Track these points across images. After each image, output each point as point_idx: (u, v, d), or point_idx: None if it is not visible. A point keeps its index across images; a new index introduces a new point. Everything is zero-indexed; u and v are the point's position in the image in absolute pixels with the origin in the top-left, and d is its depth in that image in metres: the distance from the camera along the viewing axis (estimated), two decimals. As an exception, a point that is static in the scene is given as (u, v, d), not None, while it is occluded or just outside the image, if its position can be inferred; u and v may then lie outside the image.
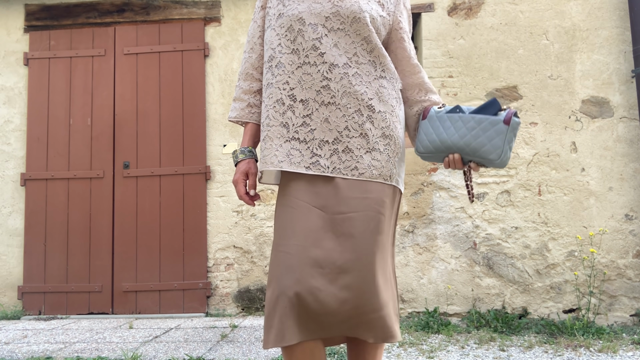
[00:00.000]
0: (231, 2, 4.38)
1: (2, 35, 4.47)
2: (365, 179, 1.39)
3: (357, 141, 1.40)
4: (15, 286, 4.24)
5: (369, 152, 1.41)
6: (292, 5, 1.44)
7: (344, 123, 1.40)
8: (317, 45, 1.41)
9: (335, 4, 1.42)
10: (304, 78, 1.41)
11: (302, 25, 1.42)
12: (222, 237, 4.17)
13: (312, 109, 1.40)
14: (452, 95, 4.04)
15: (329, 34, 1.41)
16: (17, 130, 4.39)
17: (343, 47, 1.41)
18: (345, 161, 1.39)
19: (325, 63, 1.40)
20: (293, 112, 1.40)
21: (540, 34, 4.04)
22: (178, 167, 4.25)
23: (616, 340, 3.22)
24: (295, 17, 1.42)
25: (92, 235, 4.22)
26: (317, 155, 1.39)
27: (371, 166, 1.40)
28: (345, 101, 1.40)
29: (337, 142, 1.40)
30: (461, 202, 3.96)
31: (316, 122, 1.40)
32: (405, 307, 3.91)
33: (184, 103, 4.32)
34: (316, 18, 1.41)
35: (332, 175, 1.38)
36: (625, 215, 3.84)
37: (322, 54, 1.40)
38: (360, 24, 1.42)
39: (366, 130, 1.41)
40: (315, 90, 1.40)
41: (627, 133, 3.90)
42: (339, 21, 1.42)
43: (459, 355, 2.93)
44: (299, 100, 1.40)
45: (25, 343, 3.21)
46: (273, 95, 1.43)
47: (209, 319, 3.95)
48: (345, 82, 1.40)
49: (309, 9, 1.42)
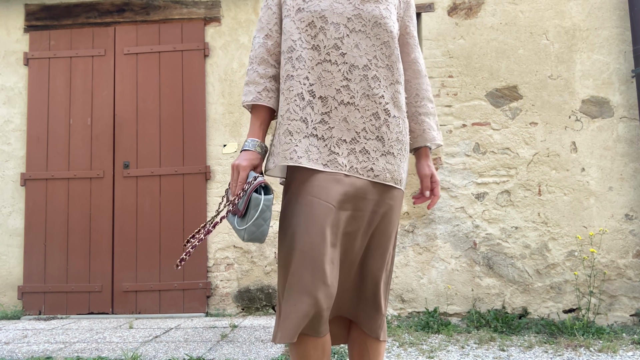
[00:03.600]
0: (231, 2, 4.37)
1: (2, 35, 4.47)
2: (380, 181, 1.41)
3: (373, 143, 1.41)
4: (15, 286, 4.24)
5: (384, 155, 1.42)
6: (314, 2, 1.43)
7: (362, 124, 1.41)
8: (339, 45, 1.41)
9: (356, 7, 1.43)
10: (323, 75, 1.41)
11: (324, 23, 1.42)
12: (222, 237, 4.17)
13: (331, 107, 1.40)
14: (452, 95, 4.04)
15: (351, 35, 1.42)
16: (17, 130, 4.39)
17: (364, 49, 1.42)
18: (362, 162, 1.40)
19: (346, 63, 1.41)
20: (312, 108, 1.40)
21: (540, 33, 4.04)
22: (178, 167, 4.25)
23: (616, 340, 3.22)
24: (318, 14, 1.42)
25: (92, 235, 4.22)
26: (335, 153, 1.38)
27: (385, 169, 1.41)
28: (364, 103, 1.41)
29: (355, 142, 1.40)
30: (461, 202, 3.96)
31: (335, 121, 1.40)
32: (405, 307, 3.91)
33: (184, 103, 4.32)
34: (339, 17, 1.42)
35: (349, 174, 1.38)
36: (625, 215, 3.83)
37: (344, 54, 1.41)
38: (380, 29, 1.43)
39: (382, 134, 1.42)
40: (335, 89, 1.40)
41: (627, 133, 3.90)
42: (360, 23, 1.42)
43: (459, 355, 2.93)
44: (318, 97, 1.40)
45: (25, 343, 3.21)
46: (294, 88, 1.41)
47: (209, 319, 3.95)
48: (365, 85, 1.41)
49: (331, 8, 1.42)
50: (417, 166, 1.59)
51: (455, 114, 4.03)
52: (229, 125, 4.26)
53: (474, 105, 4.03)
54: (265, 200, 1.31)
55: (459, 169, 3.99)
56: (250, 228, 1.31)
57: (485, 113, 4.01)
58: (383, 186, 1.42)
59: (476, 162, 3.98)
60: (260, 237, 1.34)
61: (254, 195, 1.31)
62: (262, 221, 1.31)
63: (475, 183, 3.96)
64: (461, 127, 4.02)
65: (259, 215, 1.30)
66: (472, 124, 4.01)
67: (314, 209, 1.34)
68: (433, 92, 4.06)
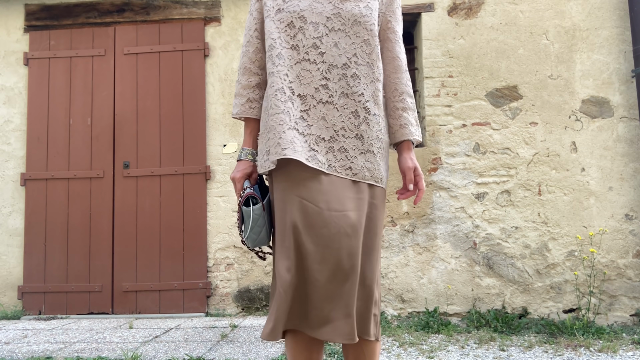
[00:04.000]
0: (231, 2, 4.38)
1: (2, 35, 4.47)
2: (359, 180, 1.41)
3: (352, 142, 1.42)
4: (15, 286, 4.24)
5: (364, 153, 1.43)
6: (294, 2, 1.44)
7: (340, 123, 1.41)
8: (318, 44, 1.42)
9: (336, 6, 1.43)
10: (302, 74, 1.42)
11: (303, 22, 1.43)
12: (222, 237, 4.17)
13: (309, 105, 1.41)
14: (452, 95, 4.04)
15: (330, 34, 1.42)
16: (17, 130, 4.39)
17: (343, 48, 1.43)
18: (340, 160, 1.40)
19: (325, 62, 1.42)
20: (292, 103, 1.41)
21: (540, 33, 4.04)
22: (178, 167, 4.25)
23: (616, 340, 3.22)
24: (297, 14, 1.43)
25: (92, 235, 4.22)
26: (314, 150, 1.39)
27: (364, 168, 1.42)
28: (343, 102, 1.42)
29: (333, 140, 1.41)
30: (461, 202, 3.96)
31: (313, 119, 1.41)
32: (405, 307, 3.91)
33: (184, 103, 4.32)
34: (318, 17, 1.43)
35: (328, 172, 1.38)
36: (625, 215, 3.84)
37: (323, 53, 1.42)
38: (360, 27, 1.43)
39: (362, 132, 1.42)
40: (314, 88, 1.41)
41: (627, 133, 3.90)
42: (340, 22, 1.43)
43: (459, 355, 2.93)
44: (297, 94, 1.41)
45: (25, 343, 3.21)
46: (274, 84, 1.42)
47: (209, 318, 3.95)
48: (344, 84, 1.42)
49: (310, 8, 1.43)
50: (399, 160, 1.55)
51: (455, 113, 4.03)
52: (229, 125, 4.26)
53: (474, 105, 4.03)
54: (255, 210, 1.42)
55: (459, 169, 3.99)
56: (251, 236, 1.43)
57: (485, 113, 4.01)
58: (364, 185, 1.42)
59: (476, 162, 3.98)
60: (262, 241, 1.45)
61: (244, 209, 1.43)
62: (258, 228, 1.42)
63: (475, 183, 3.96)
64: (461, 127, 4.02)
65: (253, 224, 1.42)
66: (472, 124, 4.01)
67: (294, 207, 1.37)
68: (433, 92, 4.06)
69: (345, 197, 1.38)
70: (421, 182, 1.51)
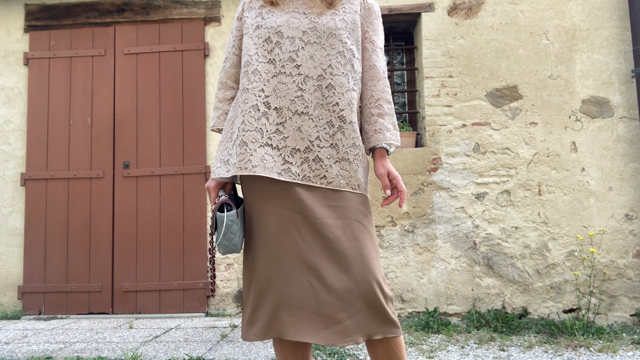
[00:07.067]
0: (231, 2, 4.38)
1: (2, 35, 4.47)
2: (334, 188, 1.44)
3: (327, 151, 1.45)
4: (15, 286, 4.24)
5: (338, 162, 1.45)
6: (271, 19, 1.50)
7: (315, 133, 1.45)
8: (294, 57, 1.46)
9: (312, 20, 1.48)
10: (279, 87, 1.46)
11: (280, 37, 1.48)
12: (222, 237, 4.16)
13: (285, 117, 1.45)
14: (452, 95, 4.04)
15: (306, 47, 1.47)
16: (17, 130, 4.39)
17: (319, 60, 1.47)
18: (315, 170, 1.44)
19: (301, 75, 1.46)
20: (267, 119, 1.44)
21: (540, 33, 4.04)
22: (178, 167, 4.25)
23: (616, 340, 3.22)
24: (274, 29, 1.48)
25: (92, 235, 4.22)
26: (289, 162, 1.43)
27: (339, 175, 1.45)
28: (318, 112, 1.45)
29: (308, 150, 1.44)
30: (461, 202, 3.96)
31: (289, 130, 1.44)
32: (405, 307, 3.91)
33: (184, 103, 4.32)
34: (294, 31, 1.48)
35: (302, 183, 1.42)
36: (625, 215, 3.84)
37: (299, 65, 1.46)
38: (335, 40, 1.48)
39: (337, 141, 1.45)
40: (290, 100, 1.45)
41: (627, 133, 3.90)
42: (315, 35, 1.48)
43: (459, 355, 2.93)
44: (273, 107, 1.45)
45: (25, 343, 3.21)
46: (249, 100, 1.46)
47: (209, 318, 3.95)
48: (319, 95, 1.45)
49: (287, 23, 1.48)
50: (374, 168, 1.56)
51: (455, 114, 4.03)
52: (229, 125, 4.26)
53: (474, 105, 4.03)
54: (229, 216, 1.44)
55: (459, 169, 3.99)
56: (223, 242, 1.45)
57: (485, 113, 4.01)
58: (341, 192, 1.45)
59: (476, 162, 3.98)
60: (234, 248, 1.47)
61: (218, 214, 1.46)
62: (231, 235, 1.45)
63: (475, 183, 3.96)
64: (461, 127, 4.02)
65: (225, 230, 1.44)
66: (472, 124, 4.01)
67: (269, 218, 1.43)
68: (433, 92, 4.06)
69: (321, 205, 1.41)
70: (399, 184, 1.51)
